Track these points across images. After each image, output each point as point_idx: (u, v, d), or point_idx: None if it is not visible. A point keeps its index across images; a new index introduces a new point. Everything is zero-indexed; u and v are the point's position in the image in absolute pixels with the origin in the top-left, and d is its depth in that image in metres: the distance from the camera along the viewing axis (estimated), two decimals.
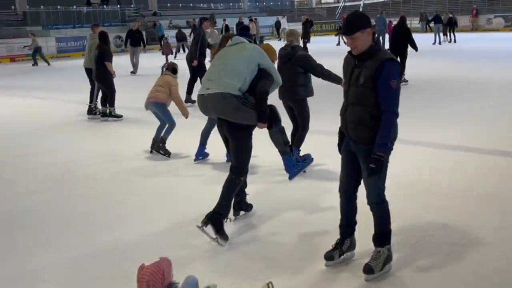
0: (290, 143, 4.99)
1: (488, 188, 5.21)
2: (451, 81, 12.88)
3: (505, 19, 35.14)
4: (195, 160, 6.52)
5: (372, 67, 3.30)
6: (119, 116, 9.70)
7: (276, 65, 4.80)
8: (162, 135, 6.95)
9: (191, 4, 43.41)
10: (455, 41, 25.97)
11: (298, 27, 38.58)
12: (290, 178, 5.12)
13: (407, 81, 12.39)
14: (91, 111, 10.09)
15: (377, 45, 3.40)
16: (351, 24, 3.35)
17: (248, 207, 4.71)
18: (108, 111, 9.68)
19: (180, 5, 42.14)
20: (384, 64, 3.27)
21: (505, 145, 6.88)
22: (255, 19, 27.32)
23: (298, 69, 5.78)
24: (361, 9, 44.76)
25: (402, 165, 6.25)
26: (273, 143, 4.82)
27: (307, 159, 5.65)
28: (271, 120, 4.35)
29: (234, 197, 4.35)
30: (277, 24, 32.54)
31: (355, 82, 3.40)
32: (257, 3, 48.40)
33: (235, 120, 4.19)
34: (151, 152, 6.98)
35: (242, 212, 4.66)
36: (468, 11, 36.58)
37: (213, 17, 35.70)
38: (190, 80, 10.97)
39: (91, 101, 10.15)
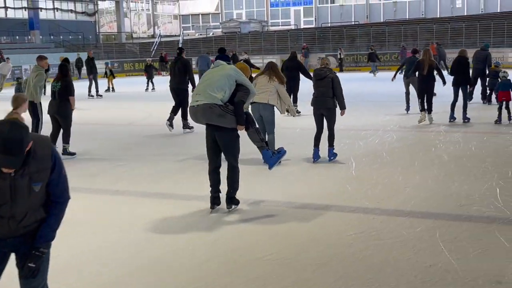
0: (265, 140, 7.32)
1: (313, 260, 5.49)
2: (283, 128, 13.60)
3: (336, 58, 38.81)
4: None
5: (43, 164, 3.27)
6: (73, 154, 10.67)
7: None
8: None
9: None
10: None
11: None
12: (270, 168, 7.14)
13: (299, 112, 14.91)
14: None
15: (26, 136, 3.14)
16: (15, 149, 3.02)
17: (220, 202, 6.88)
18: (62, 148, 10.47)
19: None
20: (53, 157, 3.33)
21: (339, 199, 7.39)
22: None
23: (330, 85, 9.16)
24: (180, 45, 46.15)
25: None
26: (251, 141, 6.97)
27: (281, 151, 7.17)
28: (248, 123, 6.66)
29: (212, 193, 6.85)
30: (79, 62, 31.73)
31: (27, 193, 3.27)
32: (52, 37, 46.90)
33: (220, 124, 6.47)
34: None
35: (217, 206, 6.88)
36: (299, 49, 39.78)
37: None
38: (182, 107, 13.14)
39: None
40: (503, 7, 48.17)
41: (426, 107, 13.16)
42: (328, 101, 9.28)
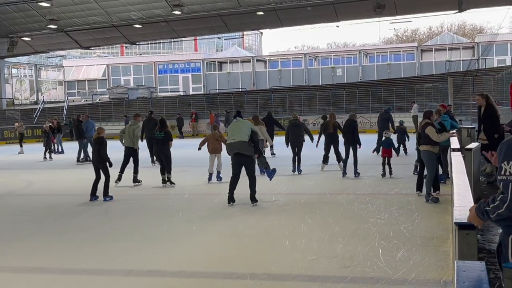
0: (268, 163, 12.67)
1: None
2: (150, 195, 13.45)
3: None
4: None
5: None
6: (173, 183, 14.52)
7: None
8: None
9: None
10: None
11: None
12: (270, 179, 12.69)
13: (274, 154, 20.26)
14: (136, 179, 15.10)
15: None
16: None
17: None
18: (167, 178, 14.51)
19: None
20: None
21: (227, 266, 7.26)
22: None
23: (302, 129, 16.56)
24: (65, 111, 45.09)
25: None
26: (260, 163, 12.80)
27: (275, 170, 12.67)
28: (260, 153, 11.92)
29: (229, 193, 11.44)
30: None
31: None
32: None
33: (246, 153, 11.27)
34: None
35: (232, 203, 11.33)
36: (189, 115, 40.04)
37: None
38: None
39: (122, 171, 15.00)
40: (379, 76, 51.32)
41: (336, 158, 16.31)
42: (301, 139, 16.18)
